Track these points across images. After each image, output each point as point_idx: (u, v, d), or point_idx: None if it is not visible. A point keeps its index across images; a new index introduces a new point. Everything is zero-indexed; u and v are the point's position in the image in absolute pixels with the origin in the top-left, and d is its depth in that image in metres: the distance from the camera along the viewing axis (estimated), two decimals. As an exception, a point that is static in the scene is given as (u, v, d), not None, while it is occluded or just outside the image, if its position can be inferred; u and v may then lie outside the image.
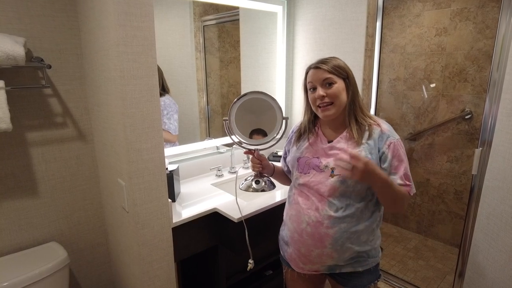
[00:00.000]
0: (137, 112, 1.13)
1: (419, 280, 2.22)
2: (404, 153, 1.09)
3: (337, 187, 1.08)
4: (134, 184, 1.17)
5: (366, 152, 1.06)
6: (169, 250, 1.33)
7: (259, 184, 1.29)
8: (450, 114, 2.48)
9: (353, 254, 1.12)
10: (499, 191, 1.34)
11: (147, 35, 1.11)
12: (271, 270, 2.00)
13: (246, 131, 1.29)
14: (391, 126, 1.12)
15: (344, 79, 1.09)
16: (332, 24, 1.91)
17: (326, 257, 1.12)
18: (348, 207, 1.09)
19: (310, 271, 1.20)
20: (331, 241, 1.10)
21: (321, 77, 1.08)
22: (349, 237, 1.10)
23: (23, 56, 1.12)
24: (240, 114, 1.25)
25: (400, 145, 1.08)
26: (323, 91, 1.08)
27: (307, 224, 1.12)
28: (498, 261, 1.36)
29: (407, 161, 1.10)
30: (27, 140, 1.34)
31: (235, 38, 2.07)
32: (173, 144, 1.81)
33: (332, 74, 1.07)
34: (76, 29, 1.38)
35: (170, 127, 1.75)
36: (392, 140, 1.07)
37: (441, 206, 2.66)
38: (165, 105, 1.73)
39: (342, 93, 1.08)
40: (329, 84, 1.08)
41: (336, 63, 1.08)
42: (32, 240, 1.42)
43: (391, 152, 1.07)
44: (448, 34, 2.40)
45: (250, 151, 1.29)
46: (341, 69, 1.08)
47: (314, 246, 1.12)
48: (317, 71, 1.09)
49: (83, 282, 1.61)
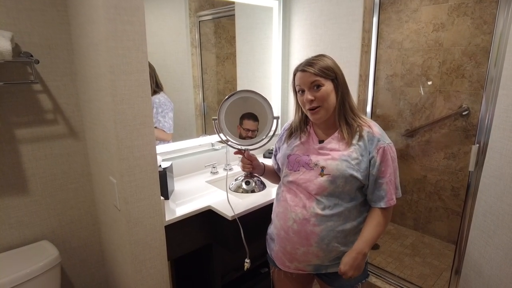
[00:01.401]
0: (127, 109, 1.10)
1: (416, 277, 2.21)
2: (393, 158, 1.09)
3: (326, 186, 1.07)
4: (125, 181, 1.15)
5: (357, 153, 1.06)
6: (162, 248, 1.31)
7: (249, 184, 1.27)
8: (447, 110, 2.46)
9: (339, 254, 1.12)
10: (496, 187, 1.33)
11: (138, 30, 1.08)
12: (266, 268, 1.98)
13: (236, 130, 1.26)
14: (382, 129, 1.11)
15: (332, 79, 1.07)
16: (328, 19, 1.89)
17: (312, 255, 1.12)
18: (336, 206, 1.08)
19: (296, 270, 1.18)
20: (317, 240, 1.09)
21: (308, 80, 1.06)
22: (336, 236, 1.09)
23: (10, 51, 1.09)
24: (230, 113, 1.23)
25: (390, 150, 1.08)
26: (311, 95, 1.06)
27: (294, 221, 1.11)
28: (494, 259, 1.35)
29: (396, 166, 1.11)
30: (16, 137, 1.31)
31: (231, 34, 2.05)
32: (167, 142, 1.78)
33: (319, 76, 1.05)
34: (66, 24, 1.35)
35: (165, 125, 1.73)
36: (382, 145, 1.06)
37: (438, 203, 2.65)
38: (159, 103, 1.71)
39: (331, 94, 1.07)
40: (317, 86, 1.06)
41: (324, 64, 1.06)
42: (22, 239, 1.39)
43: (380, 157, 1.06)
44: (445, 29, 2.38)
45: (240, 151, 1.27)
46: (328, 70, 1.06)
47: (300, 244, 1.11)
48: (304, 74, 1.07)
49: (76, 281, 1.59)
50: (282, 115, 2.29)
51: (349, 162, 1.05)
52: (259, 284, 1.93)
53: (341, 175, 1.05)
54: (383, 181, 1.07)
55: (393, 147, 1.09)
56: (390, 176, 1.08)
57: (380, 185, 1.08)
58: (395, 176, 1.10)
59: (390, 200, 1.09)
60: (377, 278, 2.03)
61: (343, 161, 1.06)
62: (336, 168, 1.06)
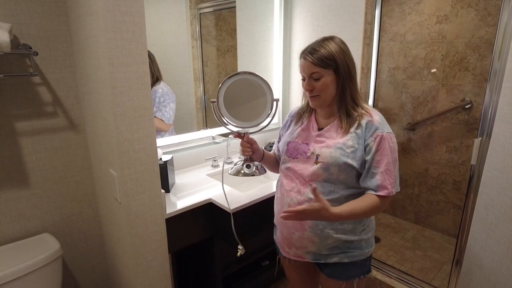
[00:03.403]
0: (127, 101, 1.10)
1: (416, 271, 2.22)
2: (392, 148, 1.03)
3: (319, 173, 1.07)
4: (125, 174, 1.15)
5: (353, 141, 1.04)
6: (163, 241, 1.31)
7: (250, 168, 1.23)
8: (450, 103, 2.44)
9: (336, 242, 1.11)
10: (498, 181, 1.32)
11: (137, 21, 1.07)
12: (267, 261, 1.99)
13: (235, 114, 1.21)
14: (383, 118, 1.07)
15: (334, 69, 1.03)
16: (330, 11, 1.87)
17: (307, 241, 1.12)
18: (331, 193, 1.07)
19: (295, 257, 1.20)
20: (311, 224, 1.09)
21: (308, 70, 1.05)
22: (330, 223, 1.08)
23: (8, 43, 1.08)
24: (229, 96, 1.18)
25: (389, 139, 1.03)
26: (309, 85, 1.06)
27: (289, 206, 1.12)
28: (495, 252, 1.35)
29: (396, 157, 1.05)
30: (16, 130, 1.31)
31: (232, 26, 2.02)
32: (165, 134, 1.77)
33: (319, 67, 1.02)
34: (65, 15, 1.34)
35: (164, 115, 1.71)
36: (380, 133, 1.02)
37: (439, 196, 2.65)
38: (163, 93, 1.70)
39: (330, 85, 1.05)
40: (315, 78, 1.05)
41: (326, 53, 1.02)
42: (24, 232, 1.40)
43: (376, 145, 1.02)
44: (449, 21, 2.35)
45: (240, 134, 1.23)
46: (329, 60, 1.02)
47: (295, 229, 1.13)
48: (305, 63, 1.05)
49: (77, 274, 1.60)
50: (283, 108, 2.28)
51: (344, 150, 1.04)
52: (260, 277, 1.94)
53: (334, 163, 1.04)
54: (377, 171, 1.02)
55: (393, 137, 1.05)
56: (388, 166, 1.02)
57: (374, 175, 1.03)
58: (394, 168, 1.04)
59: (383, 188, 1.02)
60: (377, 271, 2.03)
61: (337, 149, 1.04)
62: (329, 155, 1.05)
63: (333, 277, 1.17)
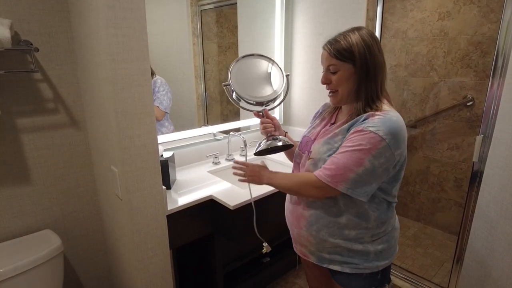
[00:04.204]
0: (128, 97, 1.09)
1: (417, 268, 2.22)
2: (362, 147, 0.89)
3: (311, 170, 1.03)
4: (127, 171, 1.15)
5: (341, 135, 0.98)
6: (164, 237, 1.31)
7: (278, 140, 1.13)
8: (452, 101, 2.43)
9: (337, 247, 1.04)
10: (500, 178, 1.32)
11: (138, 17, 1.06)
12: (268, 258, 1.99)
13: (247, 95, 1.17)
14: (387, 120, 0.92)
15: (353, 63, 0.94)
16: (331, 8, 1.86)
17: (304, 239, 1.10)
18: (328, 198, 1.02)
19: (302, 255, 1.18)
20: (305, 223, 1.07)
21: (325, 62, 0.99)
22: (326, 226, 1.02)
23: (9, 39, 1.08)
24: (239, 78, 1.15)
25: (365, 138, 0.90)
26: (325, 78, 1.00)
27: (290, 201, 1.15)
28: (497, 249, 1.34)
29: (365, 160, 0.90)
30: (17, 126, 1.31)
31: (233, 23, 2.02)
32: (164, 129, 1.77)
33: (336, 59, 0.95)
34: (66, 11, 1.33)
35: (162, 103, 1.74)
36: (359, 127, 0.92)
37: (440, 194, 2.64)
38: (161, 83, 1.73)
39: (347, 81, 0.96)
40: (333, 71, 0.98)
41: (345, 44, 0.94)
42: (25, 228, 1.40)
43: (350, 135, 0.93)
44: (451, 18, 2.34)
45: (259, 113, 1.17)
46: (347, 52, 0.93)
47: (293, 225, 1.14)
48: (323, 54, 1.00)
49: (79, 270, 1.60)
50: (284, 106, 2.28)
51: (332, 145, 0.98)
52: (261, 274, 1.95)
53: (320, 159, 0.99)
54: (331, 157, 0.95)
55: (377, 140, 0.89)
56: (343, 158, 0.91)
57: None
58: (355, 168, 0.90)
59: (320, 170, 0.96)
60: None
61: (325, 144, 1.00)
62: (317, 151, 1.01)
63: (339, 282, 1.11)
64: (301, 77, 2.14)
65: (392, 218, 1.07)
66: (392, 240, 1.07)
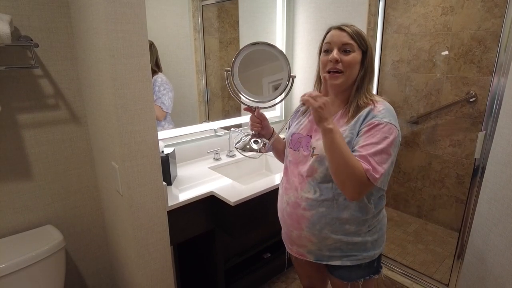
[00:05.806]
0: (128, 93, 1.09)
1: (418, 264, 2.22)
2: (388, 139, 0.92)
3: (315, 167, 1.02)
4: (127, 167, 1.15)
5: (349, 131, 0.98)
6: (165, 233, 1.32)
7: (257, 144, 1.15)
8: (454, 97, 2.42)
9: (338, 243, 1.05)
10: (502, 175, 1.31)
11: (138, 12, 1.06)
12: (269, 253, 2.00)
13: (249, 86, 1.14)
14: (390, 110, 0.98)
15: (363, 51, 1.00)
16: (333, 2, 1.84)
17: (305, 240, 1.08)
18: (329, 191, 1.01)
19: (299, 255, 1.16)
20: (307, 224, 1.05)
21: (341, 40, 0.98)
22: (329, 223, 1.03)
23: (9, 34, 1.08)
24: (243, 68, 1.10)
25: (386, 130, 0.93)
26: (338, 55, 0.98)
27: (287, 204, 1.10)
28: (498, 246, 1.34)
29: (389, 151, 0.92)
30: (18, 122, 1.31)
31: (234, 18, 2.01)
32: (164, 124, 1.77)
33: (354, 41, 0.98)
34: (66, 7, 1.33)
35: (164, 103, 1.72)
36: (376, 121, 0.94)
37: (442, 190, 2.64)
38: (162, 82, 1.71)
39: (356, 65, 1.00)
40: (347, 51, 0.99)
41: (361, 31, 1.01)
42: (27, 223, 1.41)
43: (367, 128, 0.94)
44: (454, 13, 2.31)
45: (250, 108, 1.16)
46: (363, 40, 1.00)
47: (293, 227, 1.10)
48: (340, 33, 0.99)
49: (80, 265, 1.61)
50: (285, 102, 2.27)
51: None
52: (262, 270, 1.95)
53: None
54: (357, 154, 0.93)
55: (394, 130, 0.94)
56: (374, 151, 0.91)
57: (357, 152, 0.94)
58: (382, 159, 0.91)
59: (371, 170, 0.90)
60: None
61: None
62: (322, 147, 0.97)
63: (338, 276, 1.12)
64: (303, 73, 2.13)
65: (383, 207, 1.11)
66: (384, 227, 1.13)
